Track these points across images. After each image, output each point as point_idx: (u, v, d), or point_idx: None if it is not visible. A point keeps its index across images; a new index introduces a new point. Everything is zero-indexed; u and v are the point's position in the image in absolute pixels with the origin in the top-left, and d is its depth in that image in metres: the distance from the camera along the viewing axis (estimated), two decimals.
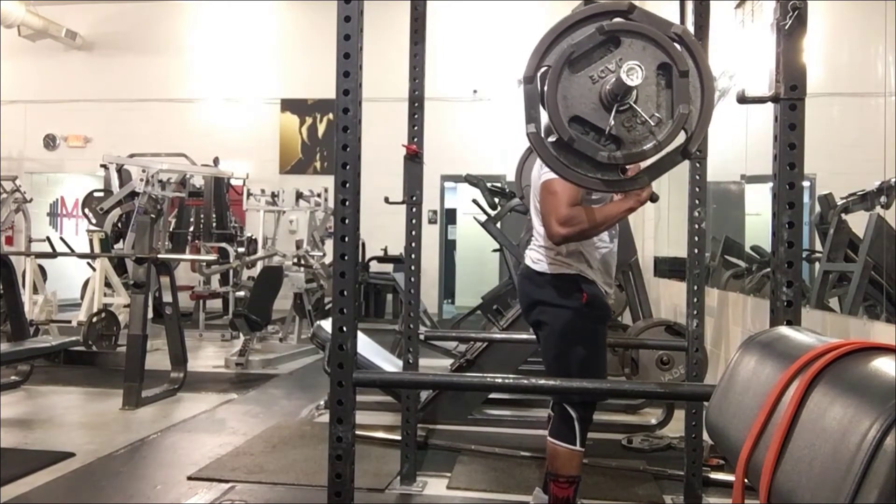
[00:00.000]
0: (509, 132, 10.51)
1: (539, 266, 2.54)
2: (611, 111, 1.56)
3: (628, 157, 1.59)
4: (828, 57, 3.57)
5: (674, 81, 1.57)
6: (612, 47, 1.58)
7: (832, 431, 0.79)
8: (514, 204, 5.75)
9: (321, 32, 5.40)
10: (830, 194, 3.47)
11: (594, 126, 1.59)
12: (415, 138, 3.10)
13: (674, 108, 1.58)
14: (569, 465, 2.43)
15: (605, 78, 1.57)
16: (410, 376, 2.90)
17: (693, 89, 1.59)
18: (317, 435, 3.95)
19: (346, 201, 1.76)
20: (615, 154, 1.57)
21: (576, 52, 1.57)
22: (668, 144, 1.60)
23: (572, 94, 1.59)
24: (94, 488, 3.16)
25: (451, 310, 11.39)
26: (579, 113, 1.58)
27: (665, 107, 1.59)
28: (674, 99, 1.58)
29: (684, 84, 1.57)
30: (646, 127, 1.58)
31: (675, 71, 1.57)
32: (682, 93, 1.57)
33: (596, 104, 1.58)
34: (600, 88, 1.58)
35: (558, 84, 1.58)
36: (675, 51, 1.57)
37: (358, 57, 1.76)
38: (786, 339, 1.10)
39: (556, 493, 2.47)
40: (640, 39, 1.58)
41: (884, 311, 3.00)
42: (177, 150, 9.24)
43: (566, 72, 1.58)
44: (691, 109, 1.57)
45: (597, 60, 1.58)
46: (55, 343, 4.80)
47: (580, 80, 1.59)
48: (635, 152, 1.59)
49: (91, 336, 5.85)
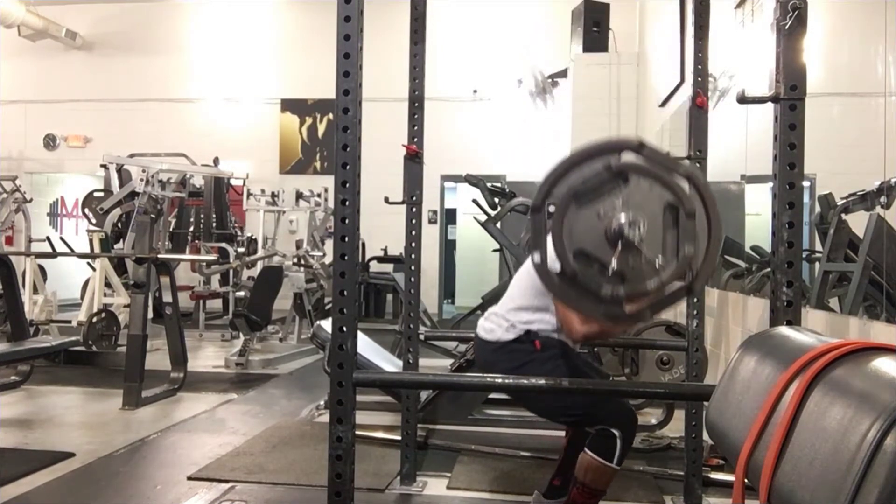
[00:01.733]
0: (509, 132, 10.54)
1: (492, 335, 2.58)
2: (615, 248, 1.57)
3: (631, 294, 1.59)
4: (828, 57, 3.57)
5: (680, 222, 1.58)
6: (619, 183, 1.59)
7: (832, 431, 0.79)
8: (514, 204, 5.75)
9: (321, 32, 5.40)
10: (830, 194, 3.47)
11: (598, 260, 1.60)
12: (415, 138, 3.10)
13: (679, 247, 1.58)
14: (601, 479, 2.41)
15: (612, 215, 1.58)
16: (410, 376, 2.90)
17: (700, 228, 1.59)
18: (317, 435, 3.94)
19: (346, 201, 1.76)
20: (618, 291, 1.58)
21: (583, 188, 1.59)
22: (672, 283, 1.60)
23: (578, 227, 1.60)
24: (94, 488, 3.16)
25: (451, 310, 11.39)
26: (584, 247, 1.60)
27: (671, 245, 1.60)
28: (679, 238, 1.58)
29: (691, 225, 1.58)
30: (650, 265, 1.58)
31: (681, 212, 1.57)
32: (688, 234, 1.57)
33: (601, 239, 1.59)
34: (606, 224, 1.58)
35: (564, 218, 1.59)
36: (682, 193, 1.58)
37: (358, 57, 1.76)
38: (786, 339, 1.10)
39: (577, 499, 2.45)
40: (648, 178, 1.59)
41: (884, 311, 3.00)
42: (177, 150, 9.24)
43: (573, 206, 1.59)
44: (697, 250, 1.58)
45: (605, 195, 1.59)
46: (55, 343, 4.80)
47: (587, 215, 1.60)
48: (638, 290, 1.59)
49: (91, 336, 5.85)
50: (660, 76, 7.06)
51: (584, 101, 8.10)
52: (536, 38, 10.36)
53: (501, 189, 6.18)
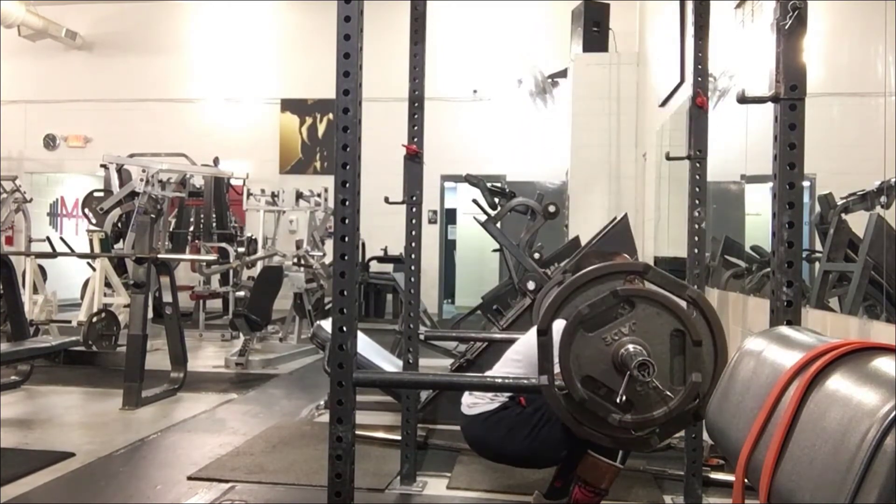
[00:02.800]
0: (509, 132, 10.54)
1: (475, 409, 2.60)
2: (623, 375, 1.58)
3: (639, 422, 1.61)
4: (828, 57, 3.57)
5: (687, 349, 1.59)
6: (625, 307, 1.60)
7: (832, 431, 0.79)
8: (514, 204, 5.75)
9: (321, 32, 5.40)
10: (830, 194, 3.46)
11: (606, 386, 1.61)
12: (415, 138, 3.10)
13: (686, 374, 1.59)
14: (603, 478, 2.42)
15: (619, 340, 1.59)
16: (410, 376, 2.90)
17: (707, 353, 1.60)
18: (317, 435, 3.94)
19: (346, 201, 1.76)
20: (626, 419, 1.60)
21: (589, 314, 1.60)
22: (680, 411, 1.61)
23: (585, 354, 1.61)
24: (94, 488, 3.16)
25: (451, 310, 11.39)
26: (591, 373, 1.61)
27: (678, 371, 1.61)
28: (686, 366, 1.59)
29: (697, 353, 1.59)
30: (658, 393, 1.59)
31: (688, 340, 1.58)
32: (694, 361, 1.58)
33: (608, 366, 1.60)
34: (613, 351, 1.59)
35: (571, 344, 1.60)
36: (689, 321, 1.59)
37: (358, 57, 1.76)
38: (786, 339, 1.10)
39: (580, 498, 2.45)
40: (654, 305, 1.60)
41: (884, 311, 2.99)
42: (177, 150, 9.24)
43: (580, 331, 1.61)
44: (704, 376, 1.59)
45: (612, 320, 1.60)
46: (55, 343, 4.80)
47: (593, 341, 1.61)
48: (648, 418, 1.61)
49: (91, 336, 5.85)
50: (660, 76, 7.06)
51: (584, 101, 8.10)
52: (536, 38, 10.36)
53: (501, 189, 6.17)
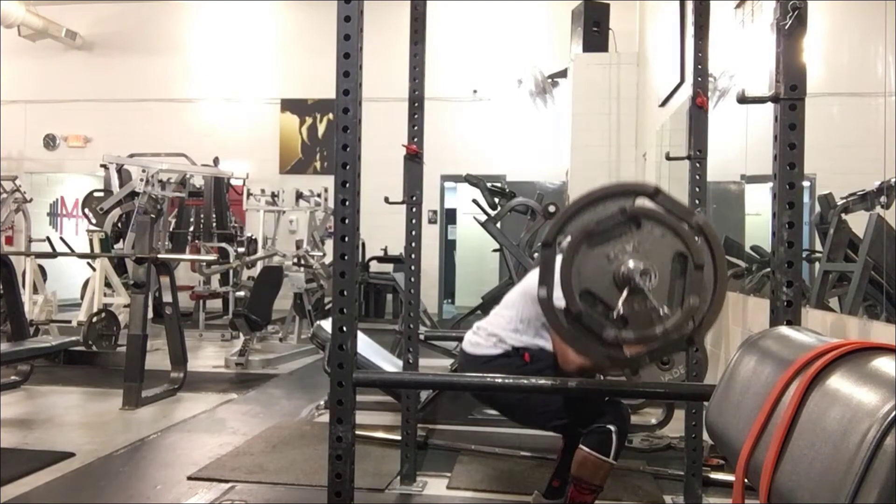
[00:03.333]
0: (509, 132, 10.54)
1: (477, 350, 2.60)
2: (622, 292, 1.58)
3: (634, 340, 1.60)
4: (828, 57, 3.57)
5: (688, 272, 1.58)
6: (632, 227, 1.59)
7: (832, 431, 0.79)
8: (514, 204, 5.75)
9: (321, 32, 5.39)
10: (830, 194, 3.46)
11: (604, 302, 1.60)
12: (415, 138, 3.10)
13: (685, 297, 1.59)
14: (597, 474, 2.42)
15: (622, 258, 1.58)
16: (410, 376, 2.90)
17: (707, 280, 1.60)
18: (317, 435, 3.94)
19: (346, 201, 1.76)
20: (621, 335, 1.59)
21: (595, 229, 1.59)
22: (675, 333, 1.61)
23: (587, 268, 1.60)
24: (94, 488, 3.16)
25: (451, 310, 11.38)
26: (591, 288, 1.60)
27: (677, 294, 1.60)
28: (686, 289, 1.59)
29: (698, 277, 1.58)
30: (654, 313, 1.59)
31: (690, 263, 1.58)
32: (694, 285, 1.58)
33: (609, 282, 1.60)
34: (615, 268, 1.59)
35: (574, 257, 1.59)
36: (693, 244, 1.58)
37: (358, 57, 1.76)
38: (786, 339, 1.10)
39: (575, 497, 2.45)
40: (660, 226, 1.60)
41: (884, 311, 3.00)
42: (177, 150, 9.24)
43: (584, 246, 1.60)
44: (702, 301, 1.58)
45: (616, 238, 1.60)
46: (55, 343, 4.80)
47: (596, 256, 1.60)
48: (641, 336, 1.60)
49: (91, 336, 5.85)
50: (660, 76, 7.06)
51: (584, 101, 8.10)
52: (536, 38, 10.37)
53: (501, 189, 6.18)
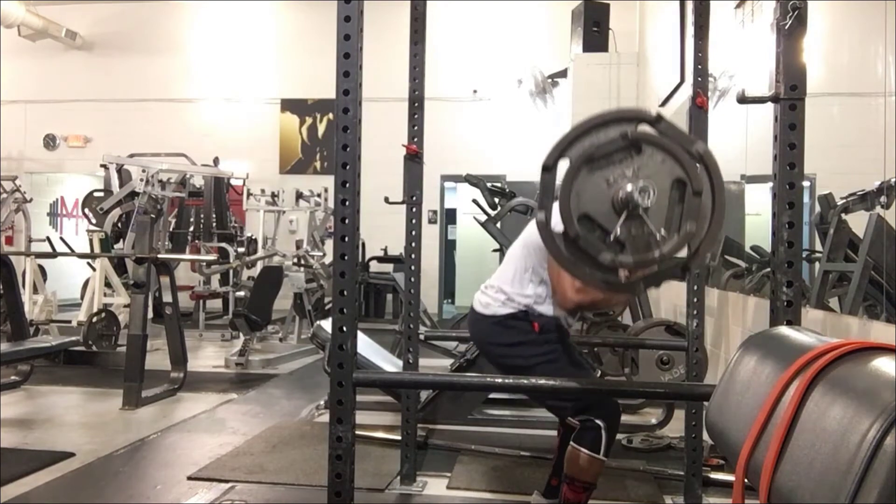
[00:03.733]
0: (509, 132, 10.54)
1: (488, 310, 2.59)
2: (620, 217, 1.58)
3: (630, 263, 1.60)
4: (828, 57, 3.57)
5: (686, 198, 1.58)
6: (633, 153, 1.59)
7: (832, 431, 0.79)
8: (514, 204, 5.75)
9: (321, 32, 5.40)
10: (830, 194, 3.46)
11: (602, 226, 1.60)
12: (415, 138, 3.10)
13: (682, 223, 1.59)
14: (589, 471, 2.42)
15: (621, 183, 1.59)
16: (410, 376, 2.90)
17: (705, 208, 1.60)
18: (317, 435, 3.94)
19: (346, 201, 1.76)
20: (617, 258, 1.59)
21: (596, 153, 1.59)
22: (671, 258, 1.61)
23: (586, 192, 1.60)
24: (94, 488, 3.16)
25: (451, 310, 11.38)
26: (589, 212, 1.60)
27: (674, 220, 1.60)
28: (683, 215, 1.59)
29: (696, 203, 1.58)
30: (651, 237, 1.59)
31: (689, 189, 1.58)
32: (692, 211, 1.58)
33: (607, 206, 1.60)
34: (614, 192, 1.59)
35: (574, 180, 1.59)
36: (693, 170, 1.58)
37: (358, 57, 1.76)
38: (786, 339, 1.10)
39: (569, 495, 2.45)
40: (661, 152, 1.60)
41: (884, 311, 3.00)
42: (177, 150, 9.24)
43: (584, 170, 1.60)
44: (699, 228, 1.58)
45: (616, 163, 1.59)
46: (55, 343, 4.80)
47: (596, 180, 1.60)
48: (638, 260, 1.60)
49: (91, 336, 5.85)
50: (660, 76, 7.06)
51: (584, 101, 8.09)
52: (536, 38, 10.36)
53: (501, 189, 6.18)
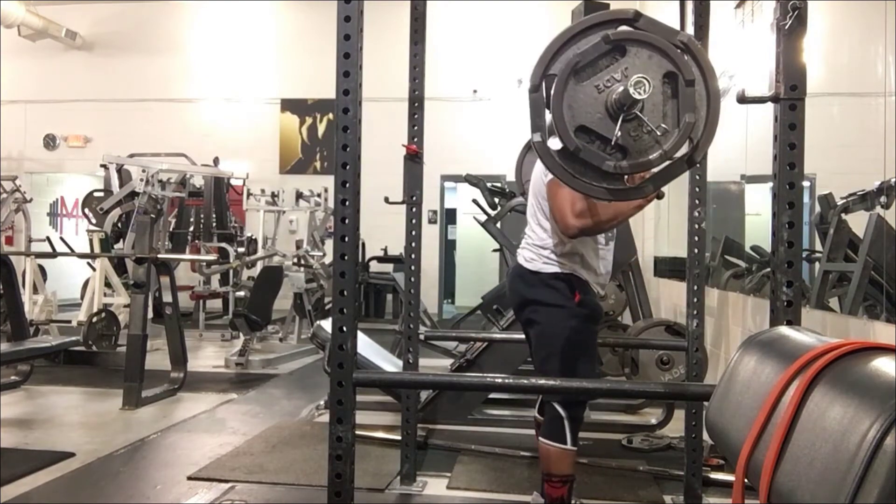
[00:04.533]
0: (509, 132, 10.54)
1: (533, 265, 2.56)
2: (617, 121, 1.55)
3: (634, 166, 1.58)
4: (828, 57, 3.57)
5: (680, 91, 1.56)
6: (617, 56, 1.57)
7: (832, 431, 0.79)
8: (514, 204, 5.75)
9: (321, 32, 5.40)
10: (830, 194, 3.47)
11: (600, 135, 1.58)
12: (415, 138, 3.10)
13: (680, 116, 1.57)
14: (561, 464, 2.44)
15: (611, 87, 1.56)
16: (410, 376, 2.89)
17: (699, 97, 1.58)
18: (317, 435, 3.94)
19: (346, 201, 1.76)
20: (621, 164, 1.57)
21: (581, 62, 1.56)
22: (675, 153, 1.59)
23: (578, 103, 1.58)
24: (94, 488, 3.16)
25: (451, 310, 11.39)
26: (585, 122, 1.57)
27: (671, 115, 1.58)
28: (679, 108, 1.57)
29: (690, 93, 1.56)
30: (652, 136, 1.57)
31: (680, 80, 1.56)
32: (687, 102, 1.56)
33: (602, 113, 1.57)
34: (606, 98, 1.57)
35: (564, 93, 1.57)
36: (681, 60, 1.56)
37: (358, 57, 1.76)
38: (786, 339, 1.10)
39: (551, 492, 2.48)
40: (646, 49, 1.57)
41: (884, 311, 3.00)
42: (177, 150, 9.24)
43: (571, 81, 1.57)
44: (697, 118, 1.57)
45: (602, 69, 1.57)
46: (55, 343, 4.79)
47: (586, 90, 1.58)
48: (641, 161, 1.58)
49: (91, 336, 5.85)
50: None
51: None
52: (536, 38, 10.34)
53: (501, 189, 6.17)
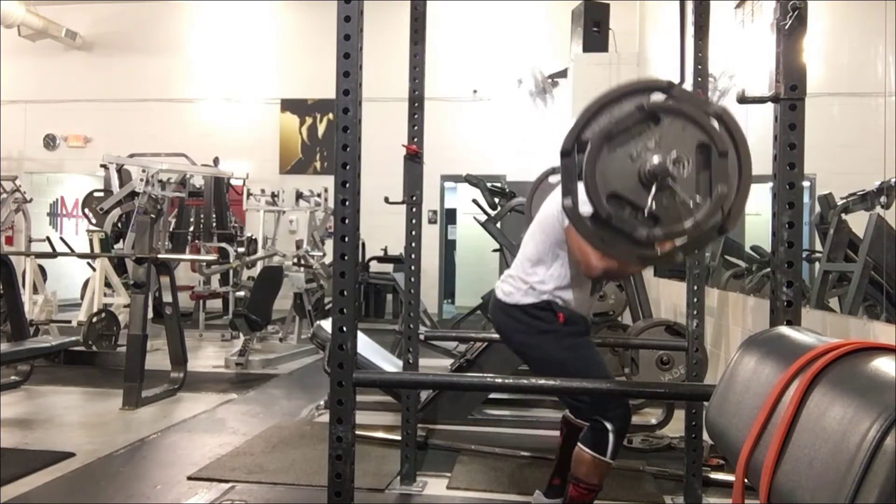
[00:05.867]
0: (509, 132, 10.54)
1: (511, 298, 2.56)
2: (650, 190, 1.55)
3: (667, 235, 1.58)
4: (828, 57, 3.57)
5: (713, 162, 1.56)
6: (651, 124, 1.57)
7: (832, 431, 0.79)
8: (514, 204, 5.75)
9: (321, 32, 5.40)
10: (830, 194, 3.47)
11: (631, 202, 1.57)
12: (415, 138, 3.10)
13: (712, 187, 1.56)
14: (594, 473, 2.40)
15: (644, 157, 1.56)
16: (410, 376, 2.90)
17: (731, 167, 1.57)
18: (317, 435, 3.94)
19: (346, 201, 1.76)
20: (653, 232, 1.56)
21: (615, 130, 1.56)
22: (707, 223, 1.59)
23: (611, 170, 1.57)
24: (94, 488, 3.16)
25: (451, 310, 11.38)
26: (617, 190, 1.57)
27: (703, 185, 1.57)
28: (712, 178, 1.56)
29: (723, 164, 1.56)
30: (684, 206, 1.56)
31: (714, 152, 1.55)
32: (720, 173, 1.56)
33: (634, 182, 1.57)
34: (639, 166, 1.56)
35: (597, 160, 1.56)
36: (714, 132, 1.56)
37: (358, 57, 1.76)
38: (786, 339, 1.10)
39: (574, 495, 2.44)
40: (680, 119, 1.57)
41: (884, 311, 3.00)
42: (177, 150, 9.23)
43: (605, 148, 1.57)
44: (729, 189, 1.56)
45: (636, 136, 1.57)
46: (55, 343, 4.80)
47: (619, 157, 1.57)
48: (674, 231, 1.57)
49: (91, 336, 5.85)
50: (660, 76, 7.04)
51: (584, 101, 7.92)
52: (536, 38, 10.36)
53: (501, 189, 6.17)
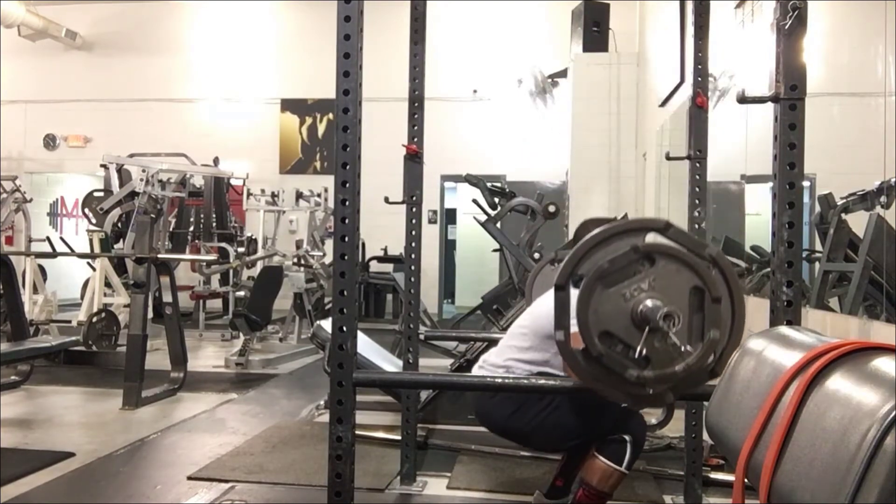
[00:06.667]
0: (509, 132, 10.54)
1: None
2: (642, 331, 1.56)
3: (658, 378, 1.59)
4: (828, 57, 3.57)
5: (706, 306, 1.58)
6: (646, 263, 1.58)
7: (832, 431, 0.79)
8: (514, 204, 5.75)
9: (321, 32, 5.40)
10: (830, 194, 3.46)
11: (623, 342, 1.59)
12: (415, 138, 3.10)
13: (704, 330, 1.58)
14: (606, 482, 2.38)
15: (638, 297, 1.57)
16: (410, 376, 2.90)
17: (725, 311, 1.59)
18: (317, 435, 3.94)
19: (346, 201, 1.76)
20: (644, 374, 1.58)
21: (609, 269, 1.58)
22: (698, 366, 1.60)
23: (603, 309, 1.59)
24: (94, 488, 3.16)
25: (451, 310, 11.38)
26: (609, 328, 1.59)
27: (696, 328, 1.59)
28: (705, 322, 1.58)
29: (716, 310, 1.58)
30: (676, 349, 1.58)
31: (707, 296, 1.57)
32: (713, 318, 1.58)
33: (626, 321, 1.59)
34: (632, 307, 1.58)
35: (590, 298, 1.58)
36: (709, 277, 1.58)
37: (358, 57, 1.76)
38: (786, 339, 1.10)
39: (583, 500, 2.43)
40: (675, 262, 1.59)
41: (884, 311, 3.00)
42: (177, 150, 9.24)
43: (598, 287, 1.58)
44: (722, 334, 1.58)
45: (631, 276, 1.58)
46: (55, 343, 4.80)
47: (612, 296, 1.59)
48: (665, 373, 1.59)
49: (91, 336, 5.85)
50: (660, 76, 7.06)
51: (584, 101, 8.10)
52: (536, 38, 10.36)
53: (501, 189, 6.17)
